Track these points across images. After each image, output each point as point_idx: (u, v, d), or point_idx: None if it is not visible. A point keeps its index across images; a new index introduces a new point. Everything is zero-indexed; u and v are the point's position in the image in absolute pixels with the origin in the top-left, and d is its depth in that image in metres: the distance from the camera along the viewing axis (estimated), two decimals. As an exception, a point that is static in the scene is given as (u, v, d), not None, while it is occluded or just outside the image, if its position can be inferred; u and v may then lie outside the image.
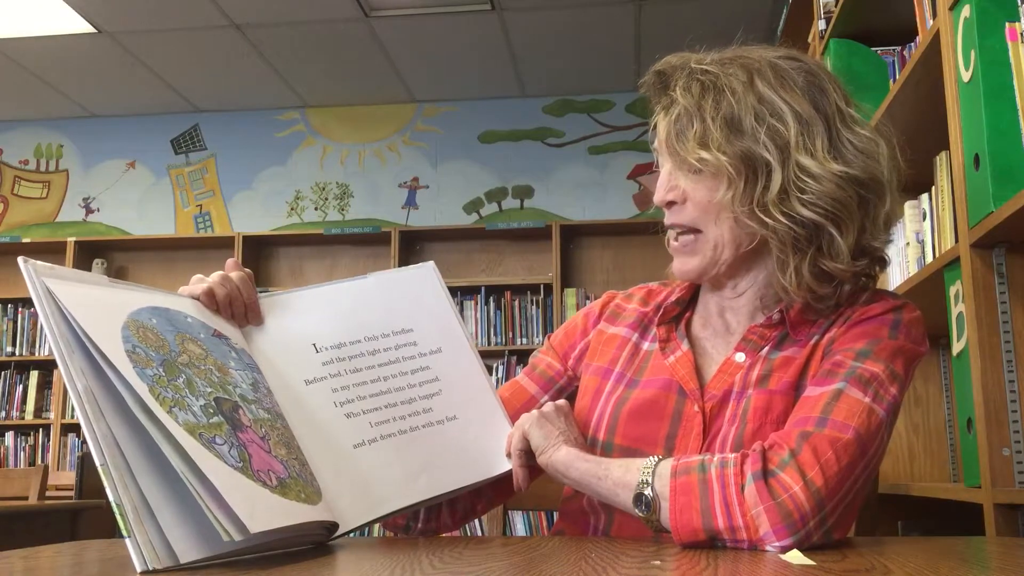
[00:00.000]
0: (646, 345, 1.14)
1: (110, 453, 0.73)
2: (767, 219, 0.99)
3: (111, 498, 0.72)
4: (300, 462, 0.90)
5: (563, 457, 1.01)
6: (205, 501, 0.74)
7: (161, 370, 0.81)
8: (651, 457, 0.95)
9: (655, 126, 1.08)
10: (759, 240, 1.02)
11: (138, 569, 0.71)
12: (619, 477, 0.96)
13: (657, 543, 0.93)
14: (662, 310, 1.14)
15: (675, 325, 1.13)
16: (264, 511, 0.77)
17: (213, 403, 0.83)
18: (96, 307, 0.82)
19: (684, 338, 1.11)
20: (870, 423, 0.94)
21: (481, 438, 1.06)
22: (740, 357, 1.06)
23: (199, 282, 1.00)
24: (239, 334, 1.00)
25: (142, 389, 0.76)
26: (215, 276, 1.01)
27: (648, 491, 0.92)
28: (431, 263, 1.14)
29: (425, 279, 1.13)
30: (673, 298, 1.14)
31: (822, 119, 1.01)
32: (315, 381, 1.01)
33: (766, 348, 1.06)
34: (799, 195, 0.98)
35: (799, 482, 0.88)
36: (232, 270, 1.02)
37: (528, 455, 1.05)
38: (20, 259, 0.79)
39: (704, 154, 0.99)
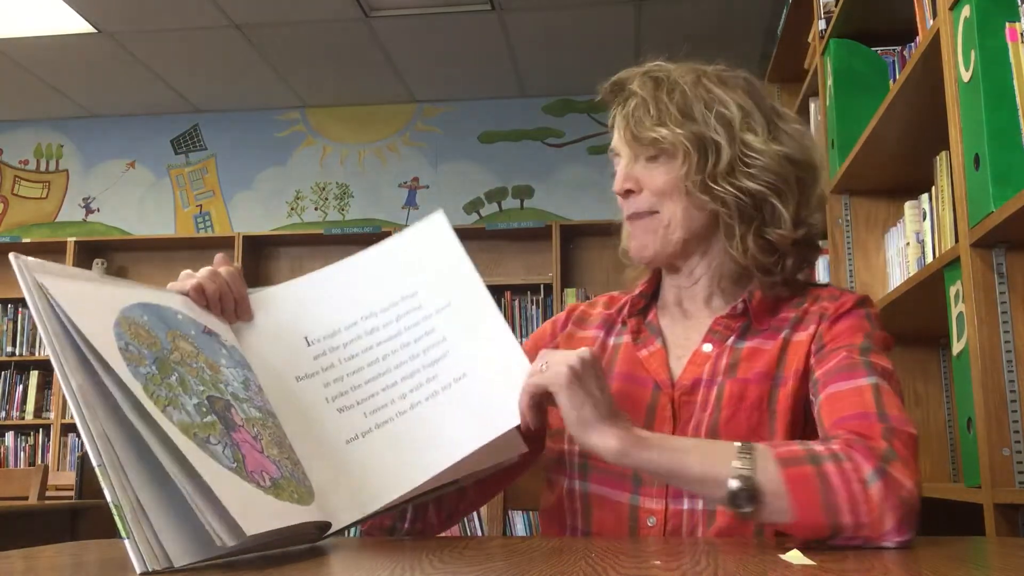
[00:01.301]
0: (612, 340, 1.18)
1: (107, 453, 0.72)
2: (717, 189, 1.09)
3: (109, 498, 0.71)
4: (292, 461, 0.89)
5: (615, 446, 0.92)
6: (198, 504, 0.72)
7: (154, 368, 0.80)
8: (733, 443, 0.92)
9: (612, 125, 1.17)
10: (709, 219, 1.11)
11: (137, 571, 0.70)
12: (701, 471, 0.91)
13: (657, 543, 0.93)
14: (629, 303, 1.19)
15: (643, 318, 1.18)
16: (258, 513, 0.76)
17: (206, 402, 0.82)
18: (88, 304, 0.80)
19: (657, 334, 1.16)
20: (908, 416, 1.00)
21: (493, 391, 0.96)
22: (708, 347, 1.11)
23: (188, 278, 0.98)
24: (229, 331, 0.98)
25: (136, 388, 0.75)
26: (204, 271, 0.99)
27: (748, 484, 0.88)
28: (440, 212, 1.06)
29: (432, 231, 1.05)
30: (636, 291, 1.20)
31: (761, 112, 1.14)
32: (306, 377, 0.99)
33: (731, 338, 1.11)
34: (745, 169, 1.09)
35: (909, 479, 0.91)
36: (220, 265, 1.01)
37: (542, 403, 0.95)
38: (12, 255, 0.78)
39: (662, 131, 1.09)
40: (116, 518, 0.71)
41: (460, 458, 0.92)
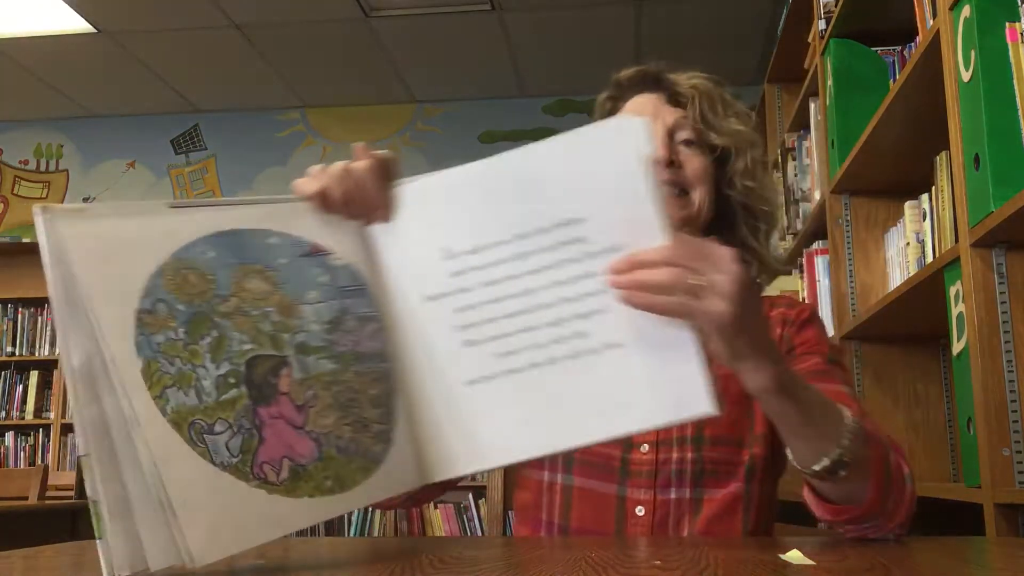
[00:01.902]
0: None
1: (94, 443, 0.66)
2: (731, 191, 1.18)
3: (88, 494, 0.65)
4: (359, 424, 0.79)
5: (770, 386, 0.81)
6: (168, 514, 0.66)
7: (182, 331, 0.71)
8: (842, 409, 0.89)
9: (627, 96, 1.22)
10: (716, 215, 1.18)
11: (104, 575, 0.65)
12: (819, 433, 0.86)
13: (657, 542, 0.93)
14: None
15: None
16: (234, 528, 0.69)
17: (242, 368, 0.73)
18: (120, 255, 0.70)
19: None
20: None
21: (648, 376, 0.78)
22: None
23: (319, 174, 0.85)
24: (353, 242, 0.85)
25: (133, 367, 0.68)
26: (335, 169, 0.86)
27: (849, 457, 0.86)
28: (641, 120, 0.81)
29: (621, 143, 0.80)
30: None
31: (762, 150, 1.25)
32: (437, 297, 0.84)
33: None
34: (752, 182, 1.19)
35: (910, 480, 0.96)
36: (361, 157, 0.87)
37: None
38: (36, 207, 0.67)
39: (737, 125, 1.18)
40: (92, 515, 0.65)
41: (593, 440, 0.82)
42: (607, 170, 0.80)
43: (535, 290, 0.81)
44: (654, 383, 0.78)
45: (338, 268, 0.83)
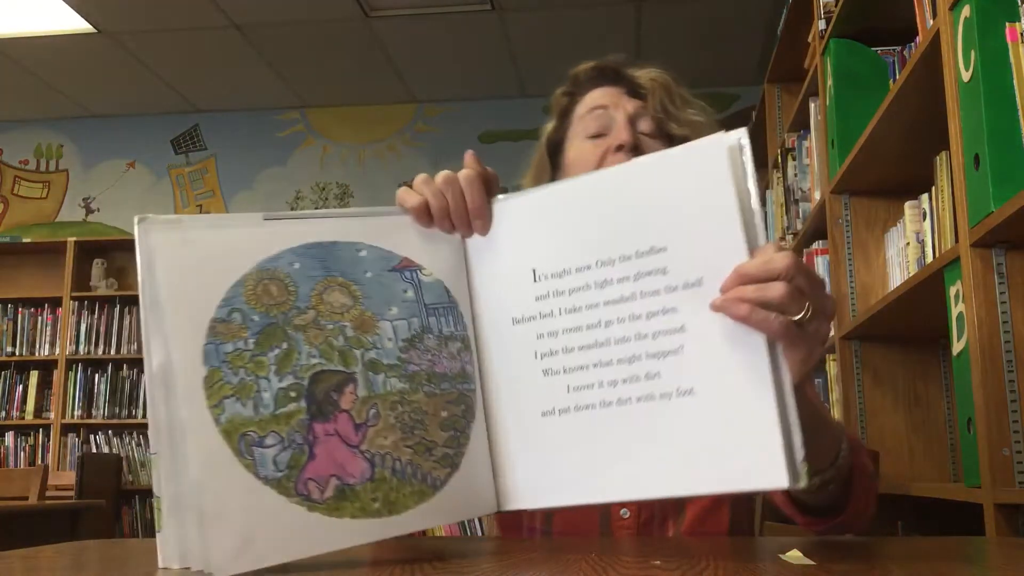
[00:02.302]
0: None
1: (163, 443, 0.69)
2: None
3: (154, 489, 0.70)
4: (421, 447, 0.77)
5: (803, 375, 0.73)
6: (206, 520, 0.68)
7: (251, 342, 0.72)
8: (837, 424, 0.90)
9: (570, 91, 1.24)
10: None
11: (159, 565, 0.71)
12: (821, 444, 0.83)
13: (656, 543, 0.93)
14: None
15: None
16: (265, 542, 0.69)
17: (306, 382, 0.73)
18: (207, 265, 0.72)
19: None
20: None
21: (720, 432, 0.71)
22: None
23: (423, 184, 0.84)
24: (449, 257, 0.84)
25: (196, 375, 0.69)
26: (438, 180, 0.84)
27: (839, 475, 0.85)
28: (731, 136, 0.73)
29: (710, 168, 0.73)
30: None
31: None
32: (522, 321, 0.81)
33: None
34: None
35: (875, 477, 0.99)
36: (470, 165, 0.85)
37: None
38: (138, 219, 0.71)
39: (696, 117, 1.13)
40: (155, 509, 0.71)
41: (659, 495, 0.75)
42: (692, 198, 0.74)
43: (613, 321, 0.76)
44: (725, 443, 0.71)
45: (427, 284, 0.82)
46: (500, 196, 0.85)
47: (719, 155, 0.72)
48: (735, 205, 0.71)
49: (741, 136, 0.72)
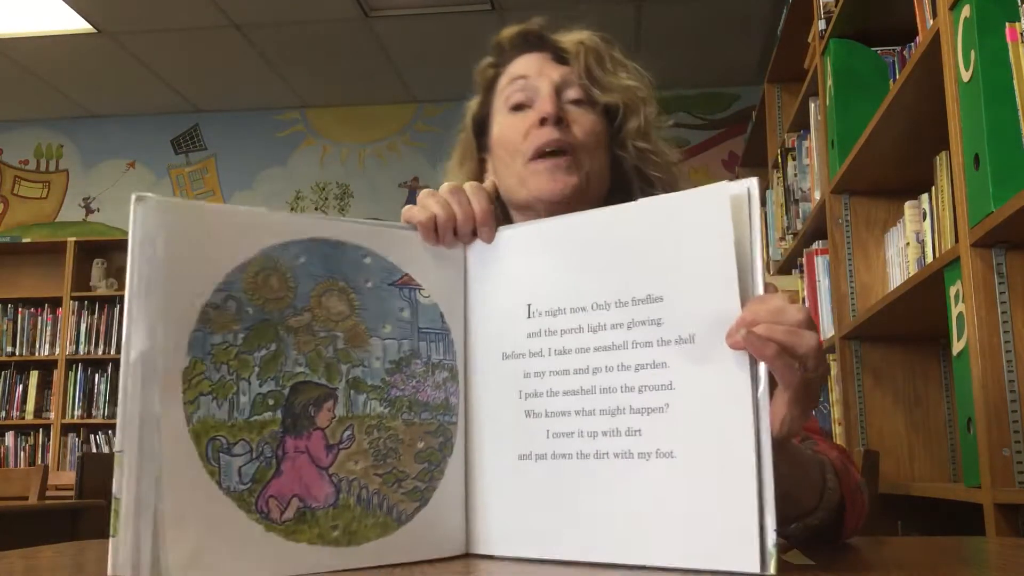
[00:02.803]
0: None
1: (129, 440, 0.64)
2: (624, 153, 1.07)
3: (113, 490, 0.64)
4: (391, 477, 0.75)
5: (794, 431, 0.70)
6: (164, 525, 0.65)
7: (241, 336, 0.69)
8: (824, 463, 0.86)
9: (510, 55, 1.17)
10: (609, 177, 1.07)
11: (108, 572, 0.65)
12: (800, 494, 0.82)
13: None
14: None
15: None
16: (219, 557, 0.66)
17: (286, 391, 0.71)
18: (211, 240, 0.69)
19: None
20: None
21: (693, 504, 0.67)
22: None
23: (428, 198, 0.85)
24: (449, 282, 0.82)
25: (178, 363, 0.66)
26: (443, 191, 0.85)
27: (829, 518, 0.84)
28: (737, 185, 0.70)
29: (711, 218, 0.69)
30: None
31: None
32: (512, 357, 0.78)
33: None
34: (646, 143, 1.08)
35: (864, 487, 0.94)
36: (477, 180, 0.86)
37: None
38: (135, 196, 0.67)
39: (627, 81, 1.08)
40: (112, 511, 0.64)
41: (669, 566, 0.68)
42: (692, 247, 0.71)
43: (600, 370, 0.73)
44: (698, 515, 0.67)
45: (423, 306, 0.80)
46: (502, 227, 0.84)
47: (721, 205, 0.69)
48: (733, 260, 0.68)
49: (751, 185, 0.69)
